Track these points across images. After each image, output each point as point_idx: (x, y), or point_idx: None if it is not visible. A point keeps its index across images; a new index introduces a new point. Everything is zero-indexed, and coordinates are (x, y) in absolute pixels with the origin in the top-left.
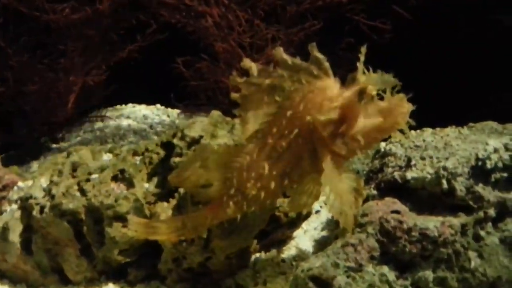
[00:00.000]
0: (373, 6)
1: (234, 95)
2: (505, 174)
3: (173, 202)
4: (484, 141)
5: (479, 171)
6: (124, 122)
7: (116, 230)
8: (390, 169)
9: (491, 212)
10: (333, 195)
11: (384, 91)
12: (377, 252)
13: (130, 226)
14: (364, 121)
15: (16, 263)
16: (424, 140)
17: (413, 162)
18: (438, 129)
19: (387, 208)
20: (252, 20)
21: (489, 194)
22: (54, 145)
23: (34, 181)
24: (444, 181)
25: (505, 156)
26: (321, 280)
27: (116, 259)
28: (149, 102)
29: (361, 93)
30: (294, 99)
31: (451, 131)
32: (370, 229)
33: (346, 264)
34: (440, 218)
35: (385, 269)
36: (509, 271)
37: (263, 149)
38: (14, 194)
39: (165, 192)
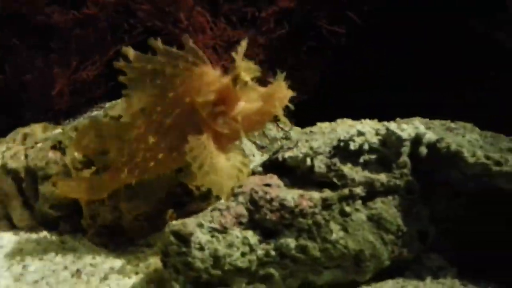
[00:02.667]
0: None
1: (121, 77)
2: (373, 156)
3: (93, 169)
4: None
5: (345, 152)
6: None
7: (46, 188)
8: (280, 151)
9: (358, 190)
10: (205, 167)
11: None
12: (245, 219)
13: (55, 184)
14: (245, 105)
15: None
16: (320, 128)
17: (298, 145)
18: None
19: (261, 181)
20: (219, 24)
21: (356, 174)
22: None
23: (4, 147)
24: (308, 159)
25: (374, 140)
26: (180, 235)
27: (47, 212)
28: None
29: (236, 79)
30: (175, 82)
31: (358, 122)
32: (241, 198)
33: (210, 225)
34: (300, 191)
35: (249, 233)
36: (373, 246)
37: (150, 125)
38: None
39: (91, 161)
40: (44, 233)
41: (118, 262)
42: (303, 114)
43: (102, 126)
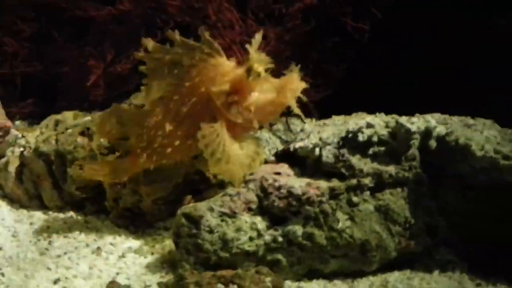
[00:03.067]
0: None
1: (142, 67)
2: (382, 148)
3: (117, 154)
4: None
5: (354, 143)
6: None
7: (74, 170)
8: (293, 141)
9: (366, 181)
10: (217, 154)
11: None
12: (254, 205)
13: (82, 167)
14: (259, 96)
15: (12, 188)
16: (333, 120)
17: (310, 136)
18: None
19: (272, 170)
20: (247, 20)
21: (365, 165)
22: None
23: (33, 132)
24: (317, 150)
25: (383, 132)
26: (191, 217)
27: (74, 194)
28: None
29: (249, 70)
30: (191, 73)
31: (371, 116)
32: (251, 185)
33: (220, 210)
34: (308, 180)
35: (258, 219)
36: (379, 237)
37: (168, 113)
38: (16, 139)
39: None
40: (70, 213)
41: (136, 243)
42: (327, 109)
43: (123, 112)
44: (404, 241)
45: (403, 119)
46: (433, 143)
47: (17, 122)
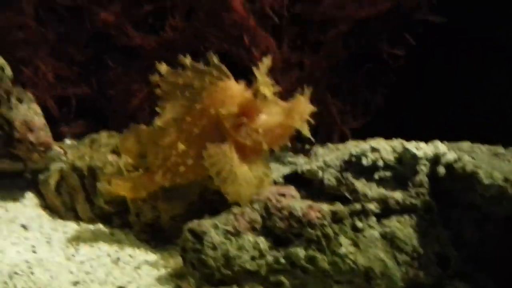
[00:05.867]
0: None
1: (157, 90)
2: (388, 174)
3: (141, 171)
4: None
5: (358, 167)
6: None
7: (102, 185)
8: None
9: (371, 206)
10: (223, 174)
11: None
12: (258, 225)
13: (109, 183)
14: (267, 118)
15: (52, 199)
16: (347, 144)
17: (319, 159)
18: None
19: (277, 191)
20: (283, 47)
21: (370, 189)
22: None
23: (73, 148)
24: (320, 172)
25: (389, 156)
26: (195, 232)
27: (103, 207)
28: None
29: (256, 93)
30: (202, 95)
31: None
32: (256, 205)
33: (224, 227)
34: (310, 202)
35: (261, 239)
36: (384, 264)
37: (181, 133)
38: (58, 155)
39: None
40: (99, 225)
41: (153, 256)
42: (365, 136)
43: (141, 132)
44: (412, 271)
45: (411, 145)
46: (442, 170)
47: (67, 141)
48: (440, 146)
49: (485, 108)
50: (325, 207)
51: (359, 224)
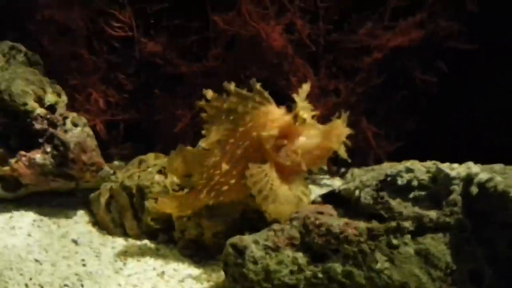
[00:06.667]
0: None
1: (203, 114)
2: (422, 193)
3: (186, 190)
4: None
5: (394, 187)
6: None
7: (150, 203)
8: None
9: (406, 224)
10: (264, 192)
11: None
12: (297, 241)
13: (156, 201)
14: (306, 141)
15: (102, 216)
16: (383, 165)
17: (356, 179)
18: None
19: (315, 209)
20: (320, 74)
21: (405, 208)
22: None
23: (125, 169)
24: (357, 191)
25: (423, 176)
26: (237, 247)
27: (150, 224)
28: None
29: (296, 117)
30: (245, 119)
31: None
32: (295, 222)
33: (264, 243)
34: (347, 220)
35: (299, 254)
36: (419, 280)
37: (225, 154)
38: (109, 175)
39: None
40: (146, 241)
41: (196, 271)
42: (398, 159)
43: (186, 152)
44: (446, 287)
45: (444, 165)
46: (474, 189)
47: (116, 162)
48: (473, 167)
49: None
50: (362, 224)
51: (394, 241)
